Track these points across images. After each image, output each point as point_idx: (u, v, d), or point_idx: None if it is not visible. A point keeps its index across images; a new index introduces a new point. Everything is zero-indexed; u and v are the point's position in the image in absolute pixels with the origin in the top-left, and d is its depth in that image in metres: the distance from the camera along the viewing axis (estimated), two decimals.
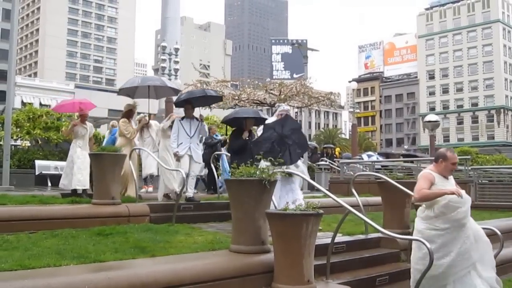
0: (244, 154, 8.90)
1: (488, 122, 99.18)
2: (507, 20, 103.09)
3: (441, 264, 5.79)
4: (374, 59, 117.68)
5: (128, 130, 10.68)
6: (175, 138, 9.73)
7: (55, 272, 4.74)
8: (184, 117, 9.93)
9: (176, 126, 9.81)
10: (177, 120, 9.94)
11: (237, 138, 9.34)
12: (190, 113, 9.98)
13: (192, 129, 9.80)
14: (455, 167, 6.30)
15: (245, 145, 9.09)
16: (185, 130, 9.74)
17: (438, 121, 29.03)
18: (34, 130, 17.53)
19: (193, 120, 9.93)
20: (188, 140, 9.68)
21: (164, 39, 28.84)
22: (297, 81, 21.03)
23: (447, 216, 5.88)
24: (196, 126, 9.90)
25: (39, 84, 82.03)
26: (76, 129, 10.61)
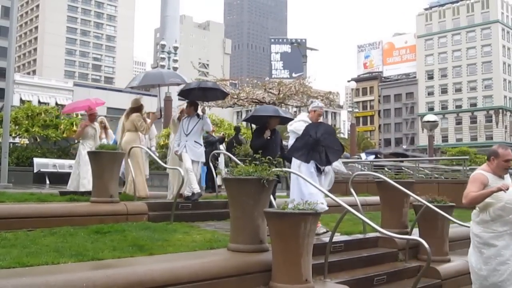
0: (266, 153, 8.57)
1: (487, 122, 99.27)
2: (506, 20, 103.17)
3: (505, 269, 5.47)
4: (373, 59, 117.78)
5: (143, 126, 10.33)
6: (178, 138, 9.76)
7: (53, 270, 4.73)
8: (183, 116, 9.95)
9: (180, 126, 9.88)
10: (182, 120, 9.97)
11: (258, 137, 8.99)
12: (190, 111, 9.87)
13: (190, 127, 9.69)
14: (509, 165, 5.75)
15: (266, 145, 8.72)
16: (183, 129, 9.73)
17: (436, 121, 29.14)
18: (32, 128, 17.52)
19: (193, 117, 9.81)
20: (184, 138, 9.64)
21: (163, 38, 28.90)
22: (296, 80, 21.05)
23: (505, 219, 5.53)
24: (195, 122, 9.75)
25: (38, 82, 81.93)
26: (86, 129, 10.53)
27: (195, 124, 9.72)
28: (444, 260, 7.91)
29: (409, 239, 7.09)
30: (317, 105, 8.25)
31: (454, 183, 17.60)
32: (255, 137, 8.93)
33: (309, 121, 7.95)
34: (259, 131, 8.95)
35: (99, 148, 8.76)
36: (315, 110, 8.11)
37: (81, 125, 10.77)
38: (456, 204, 8.76)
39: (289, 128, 8.11)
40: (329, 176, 7.93)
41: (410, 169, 19.21)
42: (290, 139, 8.09)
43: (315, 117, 8.08)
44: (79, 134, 10.83)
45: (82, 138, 10.63)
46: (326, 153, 7.65)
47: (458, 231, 9.10)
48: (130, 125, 10.29)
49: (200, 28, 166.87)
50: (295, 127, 7.95)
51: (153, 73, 12.07)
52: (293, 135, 7.94)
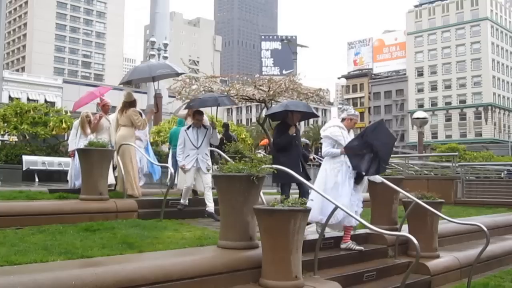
0: (291, 151, 8.31)
1: (476, 119, 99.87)
2: (495, 18, 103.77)
3: None
4: (363, 56, 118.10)
5: (140, 121, 9.86)
6: (181, 149, 9.14)
7: (42, 268, 4.71)
8: (190, 126, 9.29)
9: (182, 136, 9.20)
10: (182, 130, 9.35)
11: (281, 133, 8.39)
12: (199, 123, 9.27)
13: (199, 139, 9.12)
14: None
15: (291, 142, 8.30)
16: (191, 141, 9.09)
17: (426, 118, 29.21)
18: (21, 125, 17.38)
19: (201, 128, 9.24)
20: (194, 151, 9.03)
21: (153, 35, 28.82)
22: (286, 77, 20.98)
23: None
24: (203, 134, 9.20)
25: (27, 79, 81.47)
26: (101, 122, 10.15)
27: (204, 136, 9.20)
28: (433, 256, 7.94)
29: (398, 235, 7.12)
30: (353, 113, 7.71)
31: (443, 179, 17.73)
32: (278, 133, 8.46)
33: (343, 126, 7.53)
34: (281, 127, 8.48)
35: (88, 145, 8.71)
36: (351, 119, 7.64)
37: (95, 118, 10.28)
38: (445, 200, 8.85)
39: (323, 134, 7.60)
40: (364, 183, 7.73)
41: (399, 165, 19.30)
42: (324, 145, 7.56)
43: (350, 126, 7.65)
44: (94, 128, 10.28)
45: (97, 132, 10.17)
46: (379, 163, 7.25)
47: (447, 227, 9.17)
48: (126, 120, 9.83)
49: (190, 25, 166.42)
50: (330, 132, 7.47)
51: (141, 67, 11.71)
52: (328, 141, 7.46)
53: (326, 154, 7.44)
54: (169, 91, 25.49)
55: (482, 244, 7.33)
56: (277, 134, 8.49)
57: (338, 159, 7.32)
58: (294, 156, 8.31)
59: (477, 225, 7.35)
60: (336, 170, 7.30)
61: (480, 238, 8.64)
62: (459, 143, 55.88)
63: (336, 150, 7.32)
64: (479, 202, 15.64)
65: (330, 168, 7.36)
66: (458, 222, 7.85)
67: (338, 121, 7.69)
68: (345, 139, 7.37)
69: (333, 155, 7.35)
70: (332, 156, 7.36)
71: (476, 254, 7.40)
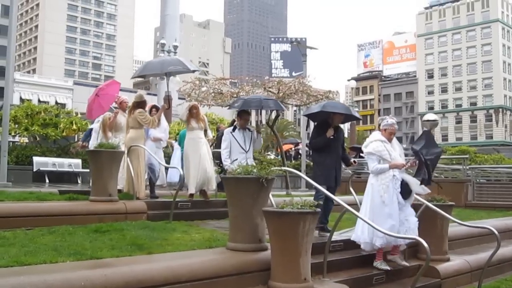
0: (328, 153, 7.95)
1: (487, 121, 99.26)
2: (506, 19, 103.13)
3: None
4: (373, 58, 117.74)
5: (147, 119, 9.51)
6: (227, 154, 8.57)
7: (52, 268, 4.72)
8: (236, 128, 8.82)
9: (228, 139, 8.71)
10: (227, 132, 8.88)
11: (319, 134, 8.03)
12: (245, 124, 8.87)
13: (246, 142, 8.70)
14: None
15: (329, 144, 7.95)
16: (239, 144, 8.63)
17: (436, 120, 28.94)
18: (32, 127, 17.49)
19: (246, 131, 8.81)
20: (243, 155, 8.53)
21: (163, 37, 28.86)
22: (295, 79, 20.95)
23: None
24: (250, 137, 8.79)
25: (38, 81, 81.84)
26: (118, 119, 9.91)
27: (251, 139, 8.81)
28: (443, 259, 7.90)
29: (408, 238, 7.08)
30: (387, 123, 7.34)
31: (453, 182, 17.61)
32: (315, 135, 8.12)
33: (386, 140, 7.22)
34: (320, 128, 8.10)
35: (98, 147, 8.74)
36: (386, 129, 7.29)
37: (114, 113, 10.04)
38: (455, 203, 8.79)
39: (365, 151, 7.29)
40: (412, 197, 7.34)
41: (409, 168, 19.18)
42: (369, 162, 7.23)
43: (389, 136, 7.31)
44: (111, 125, 10.02)
45: (115, 131, 9.95)
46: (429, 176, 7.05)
47: (458, 230, 9.10)
48: (133, 121, 9.61)
49: (200, 27, 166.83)
50: (373, 148, 7.15)
51: (153, 62, 11.50)
52: (373, 157, 7.14)
53: (374, 171, 7.12)
54: (179, 93, 25.51)
55: (493, 247, 7.27)
56: (314, 135, 8.22)
57: (386, 174, 7.05)
58: (331, 158, 7.98)
59: (488, 228, 7.28)
60: (384, 186, 7.00)
61: (491, 241, 8.57)
62: (469, 146, 55.40)
63: (384, 166, 7.06)
64: (490, 205, 15.54)
65: (377, 184, 7.07)
66: (469, 225, 7.80)
67: (379, 134, 7.37)
68: (389, 152, 7.12)
69: (382, 171, 7.06)
70: (380, 172, 7.08)
71: (486, 257, 7.34)
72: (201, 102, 13.52)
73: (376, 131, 7.68)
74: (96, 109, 10.66)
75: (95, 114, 10.88)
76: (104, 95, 10.59)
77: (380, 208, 6.90)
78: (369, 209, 7.00)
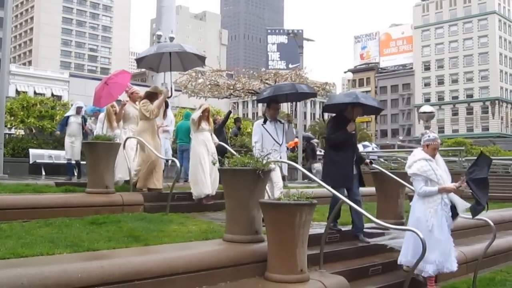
0: (346, 150, 7.33)
1: (483, 113, 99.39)
2: (503, 11, 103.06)
3: None
4: (370, 50, 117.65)
5: (148, 109, 9.08)
6: (260, 147, 7.74)
7: (48, 260, 4.73)
8: (267, 120, 8.11)
9: (259, 131, 8.01)
10: (258, 124, 8.20)
11: (337, 129, 7.31)
12: (276, 114, 8.22)
13: (279, 134, 8.04)
14: None
15: (349, 140, 7.34)
16: (272, 136, 7.96)
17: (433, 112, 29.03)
18: (28, 119, 17.45)
19: (277, 123, 8.18)
20: (278, 148, 7.94)
21: (160, 28, 28.73)
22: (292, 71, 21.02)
23: None
24: (282, 129, 8.17)
25: (34, 73, 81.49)
26: (127, 110, 9.69)
27: (282, 131, 8.17)
28: None
29: (404, 230, 7.10)
30: (429, 138, 6.66)
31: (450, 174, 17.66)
32: (333, 129, 7.36)
33: (430, 157, 6.55)
34: (338, 121, 7.42)
35: (94, 139, 8.72)
36: (429, 145, 6.62)
37: (121, 104, 9.82)
38: None
39: (409, 172, 6.57)
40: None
41: (406, 160, 19.25)
42: (415, 184, 6.56)
43: (431, 152, 6.62)
44: (119, 117, 9.82)
45: (124, 121, 9.74)
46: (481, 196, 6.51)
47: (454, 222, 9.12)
48: (140, 113, 9.34)
49: (196, 18, 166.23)
50: (418, 169, 6.46)
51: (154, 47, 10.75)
52: (418, 179, 6.47)
53: (422, 194, 6.44)
54: (176, 85, 25.49)
55: (488, 239, 7.32)
56: (332, 129, 7.37)
57: (433, 197, 6.42)
58: (348, 156, 7.41)
59: (483, 219, 7.31)
60: (431, 210, 6.38)
61: (486, 233, 8.60)
62: (466, 138, 55.61)
63: (433, 189, 6.39)
64: None
65: (423, 208, 6.43)
66: (465, 217, 7.81)
67: (422, 152, 6.65)
68: (435, 172, 6.46)
69: (430, 195, 6.41)
70: (428, 195, 6.42)
71: (482, 248, 7.39)
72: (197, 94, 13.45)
73: (418, 148, 6.93)
74: (105, 97, 10.40)
75: (103, 102, 10.65)
76: (114, 83, 10.37)
77: (428, 235, 6.12)
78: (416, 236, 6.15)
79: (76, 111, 12.03)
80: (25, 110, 17.61)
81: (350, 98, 7.40)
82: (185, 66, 10.74)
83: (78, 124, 11.99)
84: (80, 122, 12.04)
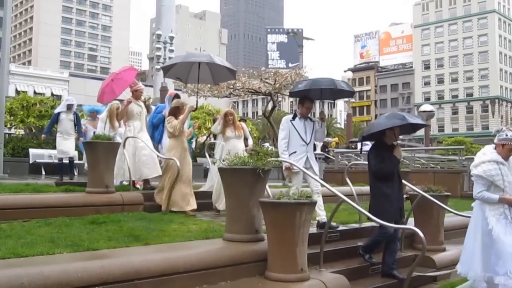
0: (394, 180, 6.63)
1: (483, 112, 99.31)
2: (503, 10, 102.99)
3: None
4: (369, 49, 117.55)
5: (172, 125, 8.45)
6: (286, 145, 7.36)
7: (49, 260, 4.73)
8: (296, 116, 7.56)
9: (287, 128, 7.46)
10: (286, 120, 7.61)
11: (382, 157, 6.58)
12: (307, 114, 7.60)
13: (307, 133, 7.47)
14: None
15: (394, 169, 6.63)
16: (299, 134, 7.41)
17: (433, 111, 29.09)
18: (28, 119, 17.48)
19: (307, 120, 7.57)
20: (304, 148, 7.39)
21: (159, 28, 28.77)
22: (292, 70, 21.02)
23: None
24: (311, 128, 7.56)
25: (33, 72, 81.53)
26: (130, 107, 9.22)
27: (312, 129, 7.58)
28: (439, 249, 7.94)
29: (404, 229, 7.10)
30: (506, 137, 5.87)
31: (449, 172, 17.67)
32: (378, 158, 6.60)
33: (503, 160, 5.83)
34: (380, 149, 6.68)
35: (94, 139, 8.72)
36: (504, 144, 5.87)
37: (124, 103, 9.38)
38: (451, 193, 8.82)
39: (474, 171, 5.95)
40: None
41: (406, 159, 19.25)
42: (475, 185, 5.94)
43: (506, 154, 5.89)
44: (122, 114, 9.43)
45: (127, 119, 9.33)
46: None
47: (453, 221, 9.15)
48: (167, 130, 8.75)
49: (196, 18, 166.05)
50: (485, 171, 5.80)
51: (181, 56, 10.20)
52: (481, 182, 5.85)
53: (479, 198, 5.89)
54: (175, 84, 25.48)
55: None
56: (377, 159, 6.62)
57: (496, 205, 5.80)
58: (397, 185, 6.71)
59: None
60: (493, 219, 5.76)
61: None
62: (466, 136, 55.70)
63: (493, 197, 5.76)
64: None
65: (489, 215, 5.80)
66: (465, 216, 7.81)
67: (494, 153, 5.91)
68: (503, 177, 5.77)
69: (489, 201, 5.81)
70: (486, 201, 5.84)
71: None
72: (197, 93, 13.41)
73: (490, 145, 6.15)
74: (108, 93, 10.10)
75: (106, 98, 10.32)
76: (119, 79, 10.03)
77: (490, 242, 5.69)
78: (480, 242, 5.78)
79: (67, 107, 11.48)
80: (25, 110, 17.64)
81: (398, 121, 6.49)
82: (215, 79, 9.81)
83: (70, 121, 11.47)
84: (72, 119, 11.51)
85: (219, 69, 9.16)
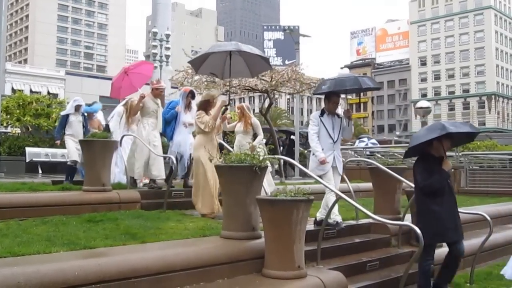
0: (444, 196, 6.03)
1: (480, 108, 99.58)
2: (499, 6, 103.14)
3: None
4: (366, 45, 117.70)
5: (203, 121, 7.87)
6: (317, 139, 7.23)
7: (45, 259, 4.71)
8: (324, 112, 7.39)
9: (317, 123, 7.32)
10: (315, 116, 7.44)
11: (430, 171, 6.00)
12: (335, 108, 7.45)
13: (335, 131, 7.32)
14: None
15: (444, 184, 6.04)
16: (328, 131, 7.27)
17: (429, 107, 28.97)
18: (24, 117, 17.45)
19: (335, 117, 7.41)
20: (331, 145, 7.26)
21: (155, 25, 28.73)
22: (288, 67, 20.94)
23: None
24: (339, 125, 7.40)
25: (29, 71, 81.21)
26: (147, 104, 8.99)
27: (340, 127, 7.41)
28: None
29: (401, 225, 7.10)
30: None
31: None
32: (425, 173, 6.02)
33: None
34: (427, 163, 6.11)
35: (90, 137, 8.71)
36: None
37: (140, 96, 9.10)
38: None
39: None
40: None
41: (402, 155, 19.28)
42: None
43: None
44: (136, 109, 9.14)
45: (141, 115, 9.10)
46: None
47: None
48: (196, 126, 8.19)
49: (192, 15, 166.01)
50: None
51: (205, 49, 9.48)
52: None
53: None
54: (172, 82, 25.44)
55: (485, 233, 7.34)
56: (423, 174, 6.04)
57: None
58: (450, 201, 6.11)
59: (480, 214, 7.34)
60: None
61: (483, 227, 8.63)
62: None
63: None
64: (483, 191, 15.65)
65: None
66: (461, 212, 7.82)
67: None
68: None
69: None
70: None
71: (479, 243, 7.41)
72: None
73: None
74: (126, 87, 9.78)
75: (123, 93, 10.04)
76: (136, 74, 9.78)
77: None
78: None
79: (75, 108, 11.02)
80: (21, 109, 17.61)
81: (437, 131, 5.96)
82: (252, 71, 9.01)
83: (79, 123, 11.01)
84: (81, 120, 11.06)
85: (254, 59, 8.54)
